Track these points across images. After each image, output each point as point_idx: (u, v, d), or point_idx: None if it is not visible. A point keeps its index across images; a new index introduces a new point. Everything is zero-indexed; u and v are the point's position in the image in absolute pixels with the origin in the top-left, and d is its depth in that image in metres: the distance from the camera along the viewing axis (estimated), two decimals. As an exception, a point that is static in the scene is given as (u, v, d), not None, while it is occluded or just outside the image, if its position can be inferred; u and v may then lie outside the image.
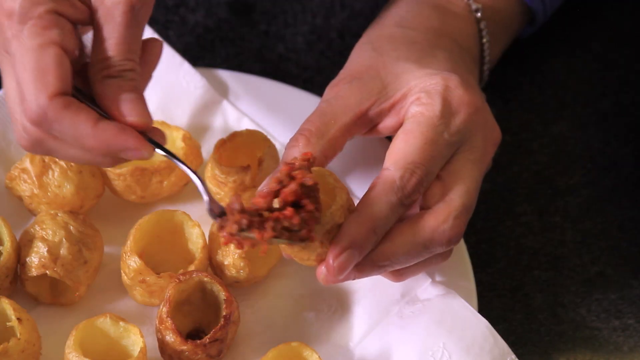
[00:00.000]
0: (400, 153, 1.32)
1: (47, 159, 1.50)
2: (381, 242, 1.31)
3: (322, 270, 1.30)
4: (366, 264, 1.32)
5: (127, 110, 1.26)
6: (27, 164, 1.50)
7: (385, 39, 1.44)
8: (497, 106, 1.71)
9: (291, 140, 1.36)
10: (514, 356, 1.41)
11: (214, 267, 1.49)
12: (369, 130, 1.41)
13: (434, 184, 1.34)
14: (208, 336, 1.39)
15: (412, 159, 1.32)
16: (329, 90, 1.41)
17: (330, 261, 1.29)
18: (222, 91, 1.65)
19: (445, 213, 1.33)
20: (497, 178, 1.65)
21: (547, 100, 1.74)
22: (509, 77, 1.75)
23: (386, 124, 1.40)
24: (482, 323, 1.42)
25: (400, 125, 1.38)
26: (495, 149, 1.41)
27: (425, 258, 1.35)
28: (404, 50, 1.42)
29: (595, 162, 1.67)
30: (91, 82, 1.27)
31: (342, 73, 1.42)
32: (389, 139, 1.43)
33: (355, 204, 1.33)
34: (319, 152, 1.35)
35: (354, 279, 1.33)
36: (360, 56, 1.43)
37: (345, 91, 1.39)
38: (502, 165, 1.66)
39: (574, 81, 1.76)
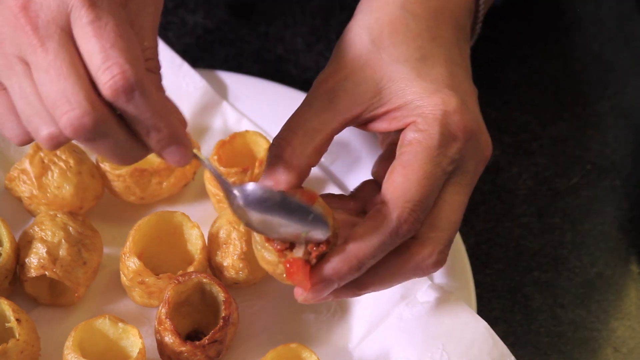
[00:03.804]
0: (399, 190, 1.28)
1: (46, 159, 1.50)
2: (365, 273, 1.28)
3: (299, 291, 1.29)
4: (347, 292, 1.30)
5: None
6: (27, 164, 1.50)
7: (385, 27, 1.35)
8: (497, 107, 1.71)
9: (274, 148, 1.31)
10: (513, 358, 1.41)
11: (213, 268, 1.49)
12: (356, 125, 1.36)
13: None
14: (207, 337, 1.39)
15: (411, 197, 1.27)
16: (319, 85, 1.34)
17: (307, 287, 1.27)
18: (222, 92, 1.65)
19: (431, 248, 1.30)
20: (496, 179, 1.65)
21: (546, 101, 1.74)
22: (508, 77, 1.75)
23: (376, 126, 1.34)
24: (481, 324, 1.42)
25: (388, 131, 1.34)
26: (485, 165, 1.37)
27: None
28: (403, 49, 1.35)
29: (594, 163, 1.67)
30: None
31: (336, 63, 1.35)
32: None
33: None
34: (305, 164, 1.30)
35: (330, 300, 1.32)
36: (356, 45, 1.35)
37: (337, 92, 1.32)
38: (501, 166, 1.66)
39: (573, 82, 1.76)
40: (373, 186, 1.38)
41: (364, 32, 1.35)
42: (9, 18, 1.19)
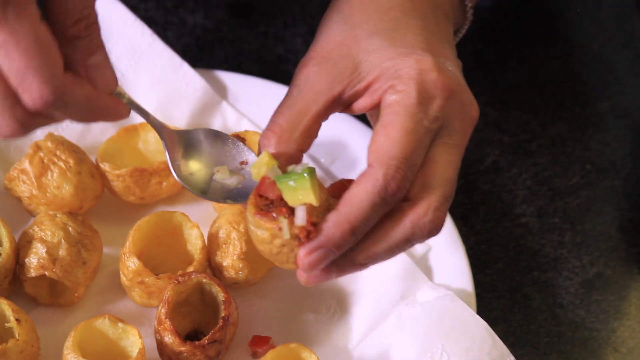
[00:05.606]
0: (382, 149, 1.27)
1: (46, 159, 1.50)
2: (362, 241, 1.27)
3: (302, 272, 1.26)
4: (347, 263, 1.27)
5: (98, 78, 1.23)
6: (27, 164, 1.50)
7: (355, 6, 1.36)
8: (496, 107, 1.71)
9: (263, 137, 1.31)
10: (512, 358, 1.41)
11: (213, 268, 1.49)
12: (342, 109, 1.35)
13: None
14: (207, 337, 1.39)
15: (394, 154, 1.26)
16: (298, 72, 1.33)
17: (302, 255, 1.24)
18: (222, 92, 1.65)
19: (425, 206, 1.28)
20: (495, 179, 1.65)
21: (545, 101, 1.74)
22: (508, 78, 1.75)
23: (360, 104, 1.33)
24: (481, 324, 1.42)
25: (373, 106, 1.32)
26: (474, 126, 1.34)
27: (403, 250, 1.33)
28: (376, 22, 1.34)
29: (594, 163, 1.67)
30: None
31: (312, 51, 1.35)
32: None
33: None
34: (294, 149, 1.30)
35: (335, 278, 1.29)
36: (330, 30, 1.35)
37: (315, 75, 1.32)
38: (501, 166, 1.66)
39: (573, 82, 1.76)
40: None
41: (336, 15, 1.36)
42: None
